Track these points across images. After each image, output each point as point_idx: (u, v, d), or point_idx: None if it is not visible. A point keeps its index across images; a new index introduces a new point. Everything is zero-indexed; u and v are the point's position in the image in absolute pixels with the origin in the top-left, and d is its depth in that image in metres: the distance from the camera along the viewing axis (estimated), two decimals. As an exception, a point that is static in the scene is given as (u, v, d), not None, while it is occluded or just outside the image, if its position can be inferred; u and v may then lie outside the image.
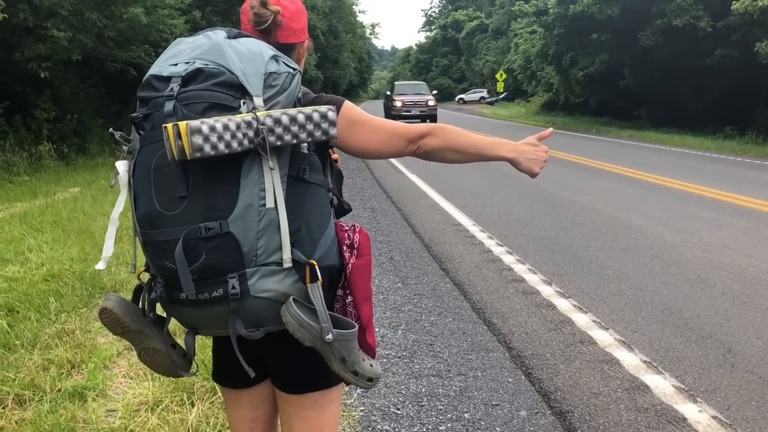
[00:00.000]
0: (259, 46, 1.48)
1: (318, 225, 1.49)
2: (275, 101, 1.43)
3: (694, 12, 21.35)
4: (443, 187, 10.27)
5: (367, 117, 1.71)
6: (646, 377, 3.51)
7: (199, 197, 1.39)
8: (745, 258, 5.90)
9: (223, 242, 1.38)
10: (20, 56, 11.70)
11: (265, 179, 1.40)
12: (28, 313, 4.19)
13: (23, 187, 9.89)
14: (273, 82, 1.43)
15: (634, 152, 16.51)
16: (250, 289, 1.41)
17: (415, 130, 1.72)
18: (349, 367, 1.50)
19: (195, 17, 17.13)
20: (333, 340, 1.44)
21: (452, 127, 1.77)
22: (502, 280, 5.33)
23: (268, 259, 1.41)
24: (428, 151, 1.73)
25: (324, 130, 1.43)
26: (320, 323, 1.42)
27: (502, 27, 55.43)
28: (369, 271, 1.62)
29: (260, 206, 1.39)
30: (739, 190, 9.66)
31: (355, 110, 1.70)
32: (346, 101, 1.69)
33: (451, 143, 1.74)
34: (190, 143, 1.31)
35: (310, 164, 1.49)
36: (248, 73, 1.41)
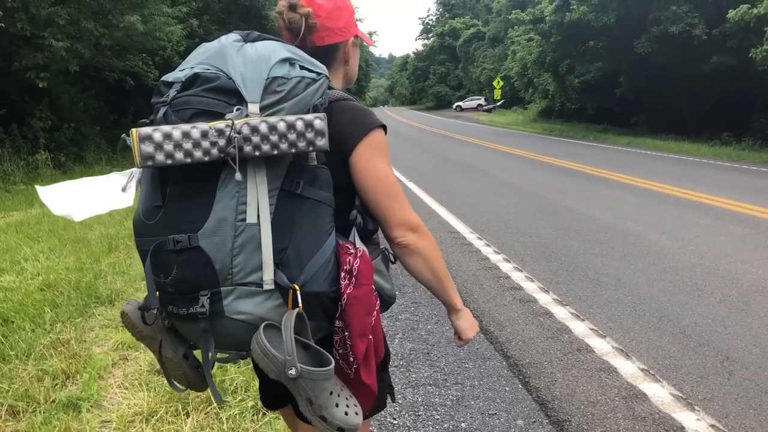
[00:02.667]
0: (270, 49, 1.40)
1: (309, 245, 1.37)
2: (278, 108, 1.34)
3: (690, 19, 21.44)
4: (441, 194, 10.27)
5: (388, 162, 1.55)
6: (644, 385, 3.50)
7: (173, 208, 1.34)
8: (743, 265, 5.90)
9: (192, 257, 1.31)
10: (18, 65, 11.71)
11: (248, 192, 1.31)
12: (23, 323, 4.17)
13: (19, 195, 9.88)
14: (278, 88, 1.35)
15: (631, 159, 16.53)
16: (225, 309, 1.32)
17: (414, 218, 1.58)
18: (315, 410, 1.33)
19: (192, 25, 17.18)
20: (297, 377, 1.28)
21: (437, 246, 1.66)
22: (499, 288, 5.32)
23: (245, 279, 1.32)
24: (409, 246, 1.57)
25: (309, 141, 1.32)
26: (285, 355, 1.28)
27: (499, 35, 55.60)
28: (368, 304, 1.42)
29: (238, 221, 1.30)
30: (736, 197, 9.67)
31: (384, 147, 1.54)
32: (380, 129, 1.53)
33: (432, 256, 1.61)
34: (139, 151, 1.26)
35: (313, 178, 1.38)
36: (247, 78, 1.34)
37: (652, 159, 16.67)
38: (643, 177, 12.16)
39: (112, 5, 12.78)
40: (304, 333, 1.36)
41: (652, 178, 11.92)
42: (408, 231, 1.55)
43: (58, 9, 11.86)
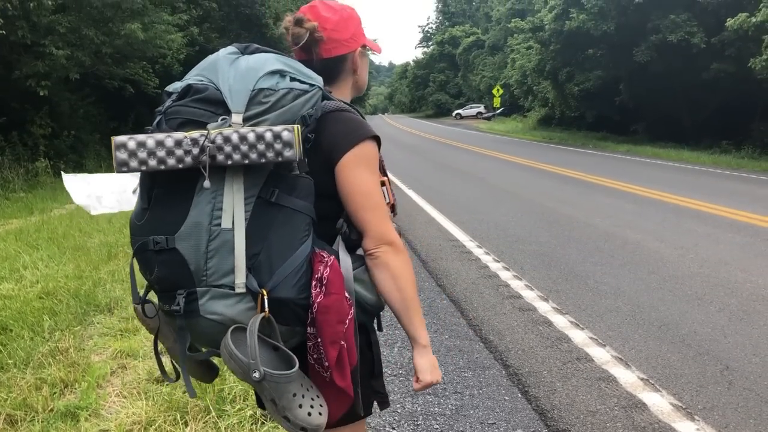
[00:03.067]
0: (262, 61, 1.46)
1: (281, 252, 1.41)
2: (262, 118, 1.40)
3: (689, 28, 21.54)
4: (440, 202, 10.27)
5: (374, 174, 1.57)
6: (643, 395, 3.49)
7: (156, 210, 1.42)
8: (742, 273, 5.89)
9: (169, 258, 1.39)
10: (19, 73, 11.74)
11: (224, 199, 1.38)
12: (22, 331, 4.16)
13: (19, 203, 9.88)
14: (263, 99, 1.40)
15: (630, 167, 16.56)
16: (200, 308, 1.40)
17: (390, 232, 1.57)
18: (279, 411, 1.39)
19: (193, 33, 17.23)
20: (260, 380, 1.34)
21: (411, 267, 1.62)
22: (498, 297, 5.32)
23: (218, 281, 1.39)
24: (379, 259, 1.55)
25: (277, 152, 1.35)
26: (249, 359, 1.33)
27: (499, 43, 55.78)
28: (339, 312, 1.43)
29: (213, 225, 1.37)
30: (736, 205, 9.68)
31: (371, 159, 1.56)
32: (371, 141, 1.56)
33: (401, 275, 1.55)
34: (114, 158, 1.36)
35: (291, 187, 1.42)
36: (234, 90, 1.41)
37: (652, 167, 16.69)
38: (642, 185, 12.18)
39: (112, 13, 12.82)
40: (274, 336, 1.41)
41: (651, 186, 11.94)
42: (383, 244, 1.54)
43: (59, 17, 11.90)
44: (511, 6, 54.00)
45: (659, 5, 22.04)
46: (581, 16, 24.64)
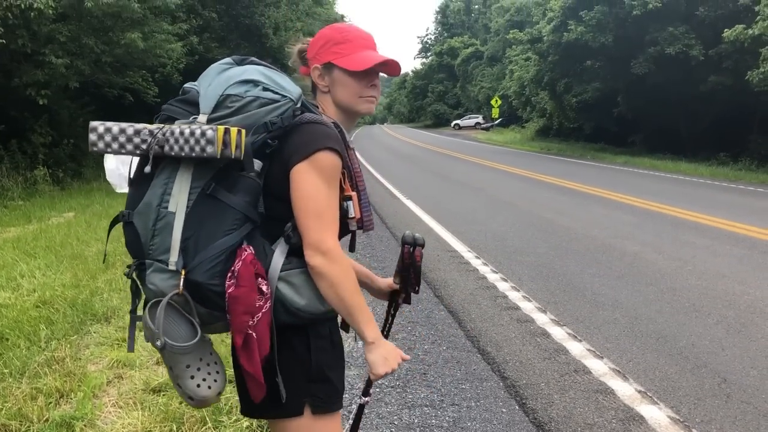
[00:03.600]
0: (242, 71, 1.63)
1: (205, 240, 1.55)
2: (225, 120, 1.57)
3: (687, 40, 21.67)
4: (439, 213, 10.27)
5: (324, 184, 1.60)
6: (641, 407, 3.48)
7: (131, 189, 1.66)
8: (740, 286, 5.90)
9: (129, 230, 1.64)
10: (18, 82, 11.75)
11: (174, 185, 1.57)
12: (18, 340, 4.15)
13: (17, 211, 9.87)
14: (229, 104, 1.58)
15: (628, 179, 16.59)
16: (146, 278, 1.61)
17: (328, 241, 1.59)
18: (173, 378, 1.62)
19: (192, 43, 17.28)
20: (161, 348, 1.55)
21: (353, 273, 1.65)
22: (496, 308, 5.31)
23: (159, 257, 1.58)
24: (315, 268, 1.60)
25: (201, 147, 1.49)
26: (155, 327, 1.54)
27: (497, 54, 56.02)
28: (247, 304, 1.53)
29: (162, 207, 1.57)
30: (734, 217, 9.69)
31: (325, 169, 1.60)
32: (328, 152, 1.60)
33: (338, 283, 1.60)
34: (88, 139, 1.60)
35: (232, 185, 1.55)
36: (208, 94, 1.61)
37: (650, 178, 16.73)
38: (640, 197, 12.20)
39: (112, 22, 12.86)
40: (191, 313, 1.59)
41: (649, 198, 11.96)
42: (317, 253, 1.58)
43: (59, 26, 11.94)
44: (509, 17, 54.28)
45: (657, 18, 22.17)
46: (579, 28, 24.78)
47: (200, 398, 1.61)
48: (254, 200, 1.58)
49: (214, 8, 19.61)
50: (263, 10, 21.77)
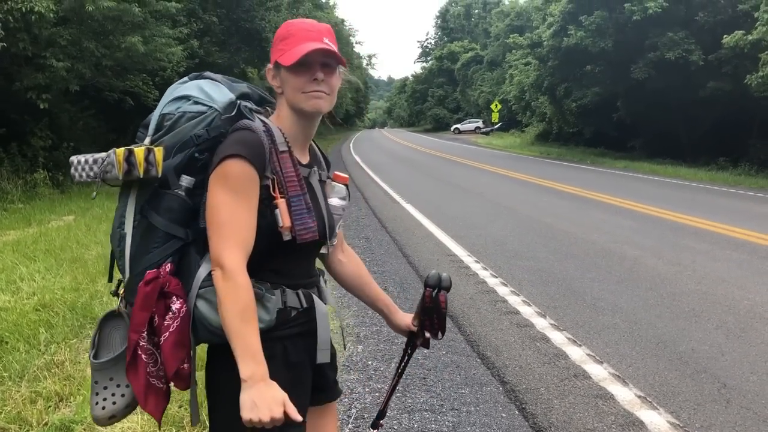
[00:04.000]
0: (180, 87, 1.68)
1: (139, 258, 1.60)
2: (159, 141, 1.61)
3: (686, 45, 21.71)
4: (439, 217, 10.28)
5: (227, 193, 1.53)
6: (641, 413, 3.48)
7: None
8: (740, 291, 5.90)
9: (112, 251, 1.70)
10: (19, 85, 11.76)
11: (127, 207, 1.62)
12: (17, 343, 4.14)
13: (17, 215, 9.86)
14: (165, 123, 1.62)
15: (628, 183, 16.61)
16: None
17: (225, 257, 1.50)
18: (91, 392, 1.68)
19: (193, 46, 17.29)
20: (90, 361, 1.67)
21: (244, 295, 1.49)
22: (496, 312, 5.31)
23: (125, 275, 1.63)
24: (213, 283, 1.52)
25: (104, 171, 1.57)
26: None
27: (497, 58, 56.12)
28: (135, 323, 1.55)
29: (119, 229, 1.63)
30: (733, 222, 9.70)
31: (228, 177, 1.53)
32: (233, 159, 1.53)
33: (223, 303, 1.48)
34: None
35: (157, 204, 1.57)
36: (153, 116, 1.67)
37: (649, 183, 16.74)
38: (640, 201, 12.20)
39: (113, 26, 12.87)
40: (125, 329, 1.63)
41: (649, 203, 11.96)
42: (216, 267, 1.51)
43: (60, 29, 11.94)
44: (509, 22, 54.40)
45: (657, 23, 22.21)
46: (579, 33, 24.82)
47: (93, 416, 1.67)
48: (179, 217, 1.57)
49: (215, 12, 19.63)
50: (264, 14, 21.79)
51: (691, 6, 22.01)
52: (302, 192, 1.62)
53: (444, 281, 1.87)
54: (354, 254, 2.02)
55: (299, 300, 1.67)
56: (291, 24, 1.66)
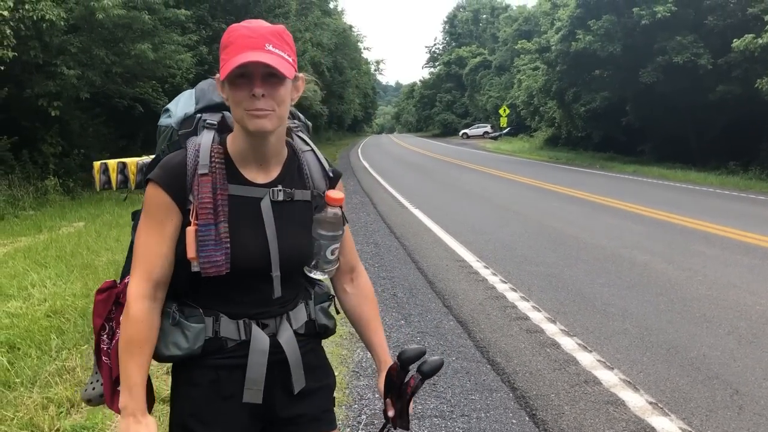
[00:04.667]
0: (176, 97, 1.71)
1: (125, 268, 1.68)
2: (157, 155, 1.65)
3: (695, 49, 21.62)
4: (447, 222, 10.27)
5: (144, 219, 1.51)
6: (652, 419, 3.46)
7: None
8: (751, 296, 5.86)
9: None
10: (30, 93, 11.86)
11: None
12: (29, 350, 4.17)
13: (28, 221, 9.92)
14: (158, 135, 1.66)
15: (637, 188, 16.54)
16: None
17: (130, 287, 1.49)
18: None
19: (202, 53, 17.39)
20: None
21: (132, 326, 1.46)
22: (506, 318, 5.29)
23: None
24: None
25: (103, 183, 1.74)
26: None
27: (505, 63, 56.06)
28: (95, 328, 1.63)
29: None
30: (744, 227, 9.63)
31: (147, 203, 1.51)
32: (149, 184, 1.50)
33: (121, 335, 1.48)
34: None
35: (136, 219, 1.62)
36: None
37: (659, 188, 16.66)
38: (649, 206, 12.15)
39: (123, 34, 12.98)
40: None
41: (659, 207, 11.91)
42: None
43: (70, 37, 12.05)
44: (517, 27, 54.36)
45: (665, 27, 22.14)
46: (587, 37, 24.77)
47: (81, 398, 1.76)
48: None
49: (224, 19, 19.71)
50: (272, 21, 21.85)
51: (700, 10, 21.92)
52: (215, 221, 1.46)
53: (426, 366, 1.55)
54: (365, 289, 1.80)
55: (238, 331, 1.54)
56: (232, 30, 1.46)
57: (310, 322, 1.67)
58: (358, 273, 1.79)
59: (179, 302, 1.55)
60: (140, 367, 1.46)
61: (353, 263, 1.77)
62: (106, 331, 1.62)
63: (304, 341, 1.64)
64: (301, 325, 1.63)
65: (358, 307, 1.78)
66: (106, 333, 1.62)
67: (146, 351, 1.47)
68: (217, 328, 1.53)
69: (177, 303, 1.55)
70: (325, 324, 1.70)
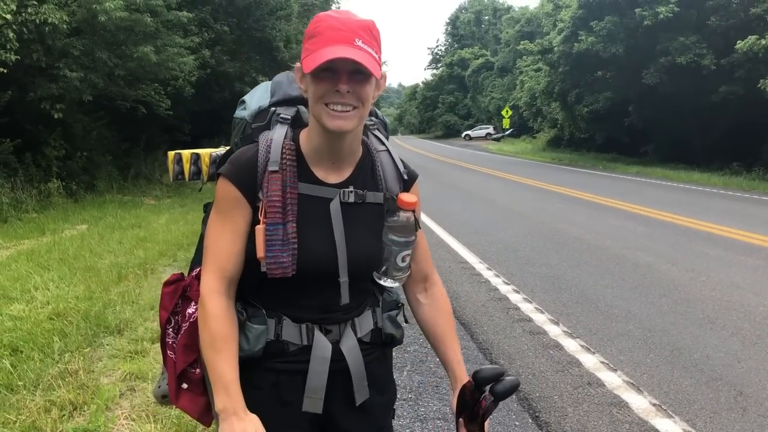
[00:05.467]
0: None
1: (194, 260, 1.70)
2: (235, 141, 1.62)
3: (698, 50, 21.58)
4: (450, 223, 10.26)
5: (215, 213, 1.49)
6: (656, 421, 3.44)
7: None
8: (755, 297, 5.84)
9: None
10: (33, 96, 11.88)
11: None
12: (32, 353, 4.17)
13: (31, 224, 9.94)
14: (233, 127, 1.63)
15: (641, 189, 16.51)
16: None
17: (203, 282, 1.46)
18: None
19: (204, 56, 17.41)
20: None
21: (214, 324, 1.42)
22: (508, 320, 5.28)
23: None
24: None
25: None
26: None
27: (508, 65, 56.07)
28: (161, 321, 1.61)
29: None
30: (748, 228, 9.61)
31: (218, 197, 1.48)
32: (219, 178, 1.48)
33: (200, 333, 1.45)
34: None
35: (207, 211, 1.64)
36: None
37: (662, 189, 16.63)
38: (653, 207, 12.13)
39: (125, 36, 12.99)
40: None
41: (662, 208, 11.88)
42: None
43: (73, 40, 12.06)
44: (519, 28, 54.38)
45: (668, 28, 22.12)
46: (590, 38, 24.75)
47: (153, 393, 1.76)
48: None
49: (226, 21, 19.73)
50: (274, 24, 21.88)
51: (703, 10, 21.88)
52: (283, 220, 1.41)
53: (500, 386, 1.43)
54: (440, 299, 1.70)
55: (300, 335, 1.49)
56: (320, 19, 1.38)
57: (377, 331, 1.59)
58: (432, 282, 1.70)
59: (243, 301, 1.51)
60: (230, 363, 1.40)
61: (427, 272, 1.68)
62: (171, 324, 1.59)
63: (369, 350, 1.57)
64: (366, 333, 1.56)
65: (432, 320, 1.68)
66: (172, 327, 1.59)
67: (233, 346, 1.42)
68: (279, 330, 1.48)
69: (241, 302, 1.51)
70: (391, 333, 1.62)
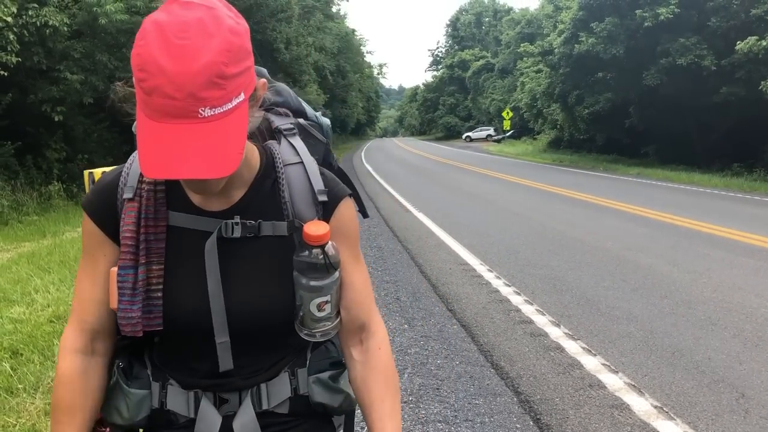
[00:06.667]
0: None
1: None
2: None
3: (699, 51, 21.59)
4: (450, 225, 10.25)
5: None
6: (658, 423, 3.43)
7: None
8: (757, 298, 5.82)
9: None
10: (34, 98, 11.90)
11: None
12: (32, 355, 4.16)
13: (32, 227, 9.95)
14: None
15: (641, 190, 16.49)
16: None
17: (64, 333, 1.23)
18: None
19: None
20: None
21: (64, 382, 1.17)
22: (509, 322, 5.27)
23: None
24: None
25: None
26: None
27: (508, 66, 56.10)
28: None
29: None
30: (749, 229, 9.59)
31: None
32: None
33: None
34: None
35: None
36: None
37: (663, 190, 16.62)
38: (654, 208, 12.11)
39: (126, 39, 13.00)
40: None
41: (663, 210, 11.87)
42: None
43: (73, 43, 12.11)
44: (520, 30, 54.40)
45: (668, 29, 22.12)
46: (590, 39, 24.76)
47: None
48: None
49: (227, 24, 19.82)
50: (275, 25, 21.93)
51: (703, 11, 21.89)
52: (134, 263, 1.11)
53: None
54: (375, 355, 1.26)
55: (187, 405, 1.19)
56: (147, 55, 0.98)
57: (299, 399, 1.24)
58: (369, 334, 1.27)
59: (134, 356, 1.23)
60: None
61: (362, 320, 1.26)
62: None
63: (289, 423, 1.24)
64: (281, 403, 1.22)
65: (362, 382, 1.25)
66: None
67: (78, 419, 1.16)
68: (163, 398, 1.19)
69: (127, 358, 1.23)
70: (321, 402, 1.25)
